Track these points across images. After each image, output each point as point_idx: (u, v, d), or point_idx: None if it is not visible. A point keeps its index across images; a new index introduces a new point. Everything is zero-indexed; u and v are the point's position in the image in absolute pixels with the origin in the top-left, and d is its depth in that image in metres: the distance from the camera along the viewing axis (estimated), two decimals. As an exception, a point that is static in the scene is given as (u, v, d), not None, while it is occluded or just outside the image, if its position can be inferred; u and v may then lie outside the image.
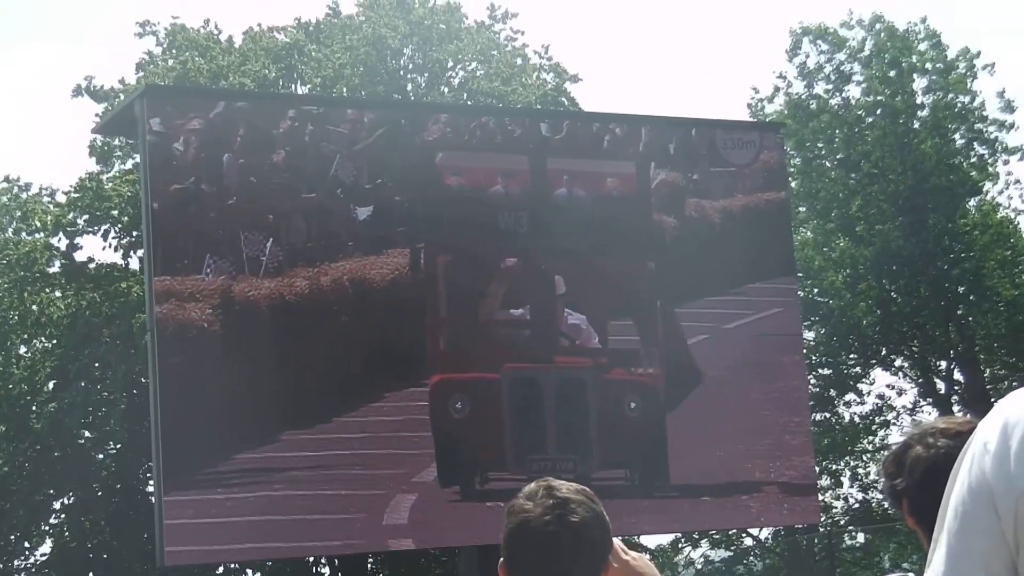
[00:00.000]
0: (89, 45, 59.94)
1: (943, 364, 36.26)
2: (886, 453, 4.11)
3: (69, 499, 30.97)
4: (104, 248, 30.70)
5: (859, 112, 35.34)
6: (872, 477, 38.24)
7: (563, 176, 13.36)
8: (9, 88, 57.17)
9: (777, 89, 36.10)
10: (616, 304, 13.49)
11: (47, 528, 31.28)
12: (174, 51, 33.35)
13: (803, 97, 35.48)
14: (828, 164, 35.93)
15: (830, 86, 35.58)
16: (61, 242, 30.96)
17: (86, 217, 30.35)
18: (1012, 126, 35.35)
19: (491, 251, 12.86)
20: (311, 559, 29.16)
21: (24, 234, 31.73)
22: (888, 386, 37.75)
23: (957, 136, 35.55)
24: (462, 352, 12.51)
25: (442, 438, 12.28)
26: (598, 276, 13.35)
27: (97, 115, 32.18)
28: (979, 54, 35.21)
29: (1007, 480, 2.53)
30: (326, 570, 30.56)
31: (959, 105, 35.15)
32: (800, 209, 35.63)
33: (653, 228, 13.78)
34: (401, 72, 33.88)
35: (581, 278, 13.28)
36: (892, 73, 34.62)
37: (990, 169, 35.95)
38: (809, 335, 34.73)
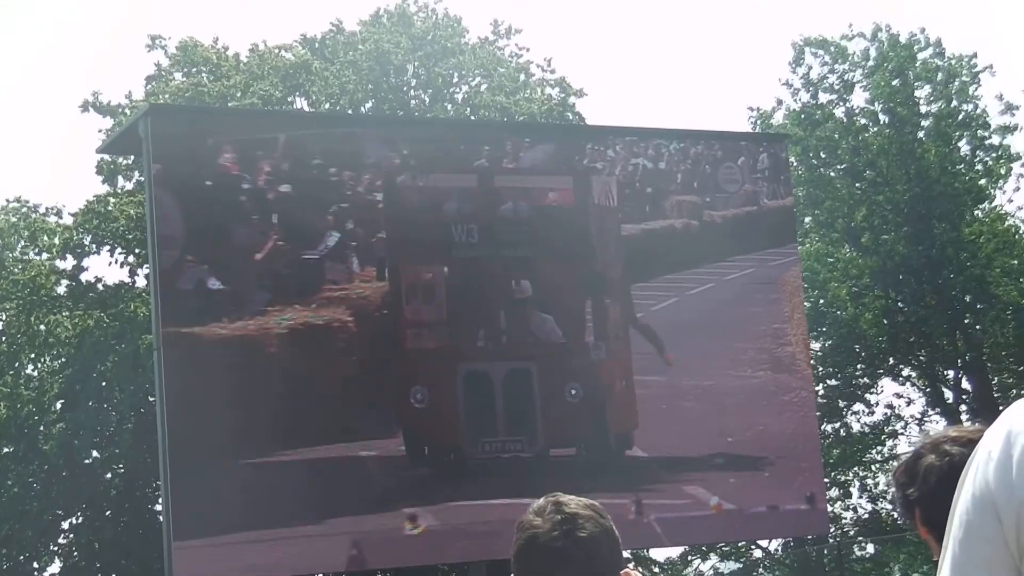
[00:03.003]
0: (96, 59, 60.08)
1: (951, 373, 36.22)
2: (897, 463, 4.09)
3: (78, 519, 31.00)
4: (111, 264, 30.80)
5: (863, 121, 35.35)
6: (881, 488, 38.20)
7: (509, 191, 13.92)
8: (16, 104, 57.27)
9: (780, 102, 36.13)
10: (573, 301, 13.94)
11: (56, 548, 31.31)
12: (184, 67, 33.44)
13: (807, 107, 35.50)
14: (832, 174, 35.93)
15: (834, 96, 35.62)
16: (68, 262, 31.04)
17: (91, 238, 30.43)
18: (1016, 128, 35.34)
19: (448, 260, 13.41)
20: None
21: (32, 253, 31.78)
22: (896, 396, 37.73)
23: (962, 144, 35.54)
24: (426, 352, 12.89)
25: (407, 425, 12.52)
26: (558, 277, 13.85)
27: (101, 130, 32.32)
28: (976, 55, 35.26)
29: (1009, 489, 2.54)
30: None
31: (963, 113, 35.15)
32: (805, 219, 35.62)
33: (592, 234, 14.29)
34: (405, 88, 33.94)
35: (544, 281, 13.78)
36: (896, 82, 34.63)
37: (1002, 171, 35.89)
38: (816, 346, 34.71)
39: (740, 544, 35.66)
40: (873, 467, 38.51)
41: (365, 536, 11.12)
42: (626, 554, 3.83)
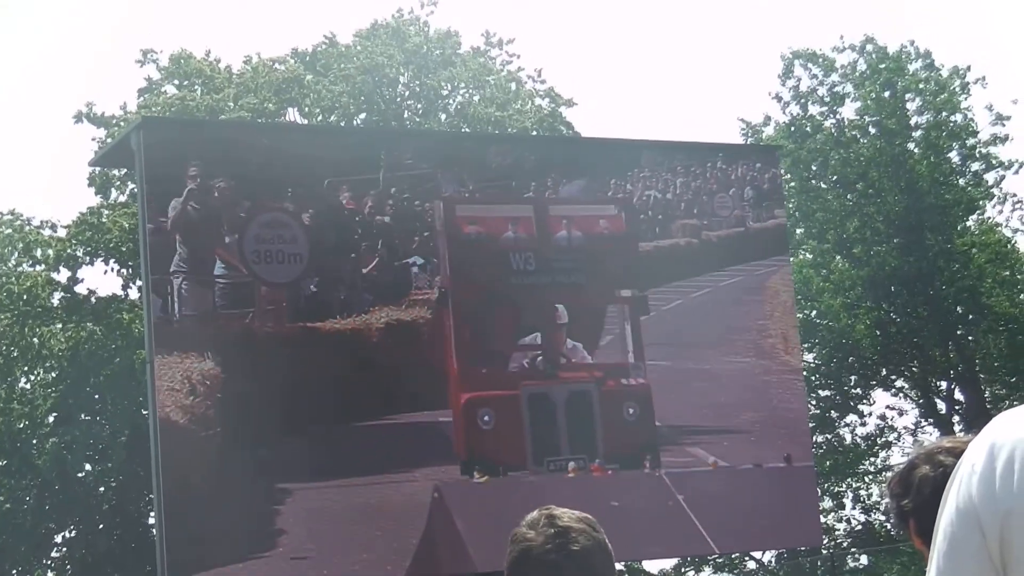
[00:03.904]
0: (90, 71, 60.10)
1: (944, 384, 36.26)
2: (891, 474, 4.09)
3: (71, 533, 30.95)
4: (105, 272, 30.80)
5: (853, 133, 35.41)
6: (874, 499, 38.21)
7: (562, 220, 14.66)
8: (9, 115, 57.23)
9: (769, 118, 36.18)
10: (608, 327, 14.93)
11: (49, 562, 31.25)
12: (176, 79, 33.48)
13: (797, 119, 35.55)
14: (824, 185, 35.97)
15: (824, 108, 35.67)
16: (62, 275, 31.04)
17: (86, 249, 30.45)
18: (1007, 138, 35.39)
19: (507, 287, 14.01)
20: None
21: (25, 265, 31.78)
22: (889, 407, 37.76)
23: (952, 154, 35.60)
24: (483, 374, 13.43)
25: (472, 446, 12.88)
26: (592, 304, 14.81)
27: (94, 139, 32.34)
28: (969, 68, 35.32)
29: (992, 500, 2.56)
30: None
31: (953, 124, 35.21)
32: (797, 231, 35.67)
33: (635, 259, 15.34)
34: (398, 100, 33.98)
35: (578, 307, 14.60)
36: (886, 94, 34.69)
37: (990, 181, 35.98)
38: (809, 357, 34.74)
39: (734, 556, 35.66)
40: (866, 478, 38.54)
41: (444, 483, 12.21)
42: (619, 566, 3.83)
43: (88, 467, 30.41)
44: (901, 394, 37.28)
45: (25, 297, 30.42)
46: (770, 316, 16.65)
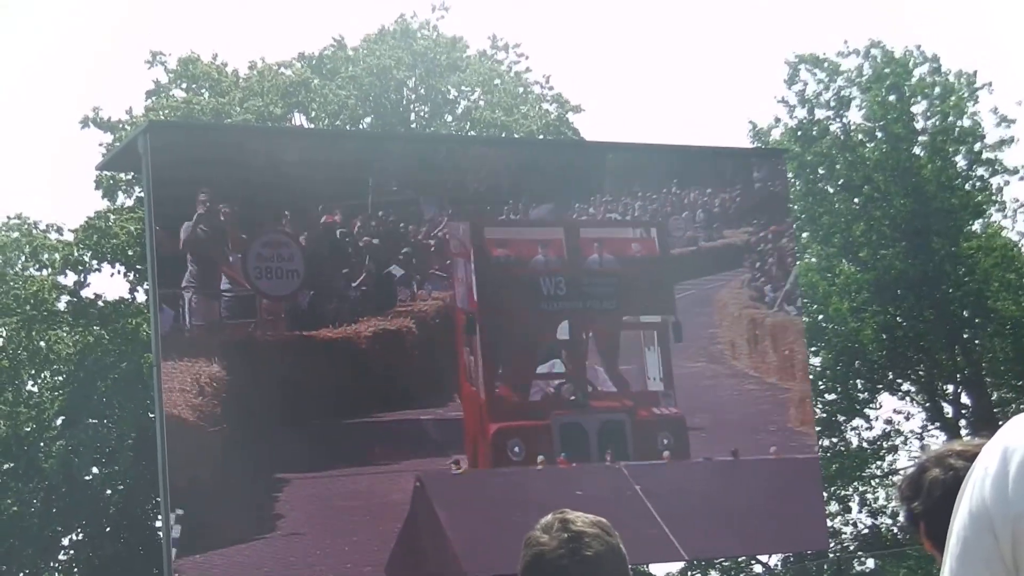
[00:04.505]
0: (96, 75, 60.12)
1: (950, 388, 36.20)
2: (901, 477, 4.10)
3: (78, 535, 30.97)
4: (112, 275, 30.83)
5: (860, 137, 35.37)
6: (881, 502, 38.17)
7: (594, 243, 14.89)
8: (16, 120, 57.25)
9: (778, 120, 36.13)
10: (634, 352, 15.01)
11: (56, 565, 31.27)
12: (183, 82, 33.50)
13: (804, 123, 35.50)
14: (830, 189, 35.93)
15: (830, 112, 35.63)
16: (68, 278, 31.07)
17: (92, 254, 30.49)
18: (1012, 140, 35.35)
19: (535, 312, 14.25)
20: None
21: (32, 270, 31.80)
22: (895, 411, 37.72)
23: (958, 159, 35.55)
24: (512, 403, 13.70)
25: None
26: (623, 329, 14.97)
27: (101, 144, 32.36)
28: (976, 73, 35.30)
29: (1004, 504, 2.57)
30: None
31: (959, 128, 35.17)
32: (803, 235, 35.64)
33: (667, 286, 15.53)
34: (404, 103, 33.99)
35: (606, 331, 14.78)
36: (892, 98, 34.66)
37: (993, 188, 35.97)
38: (815, 361, 34.70)
39: (740, 559, 35.63)
40: (872, 482, 38.48)
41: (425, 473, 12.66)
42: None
43: (95, 470, 30.43)
44: (907, 398, 37.24)
45: (32, 302, 30.44)
46: (719, 325, 16.74)
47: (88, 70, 62.19)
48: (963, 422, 35.26)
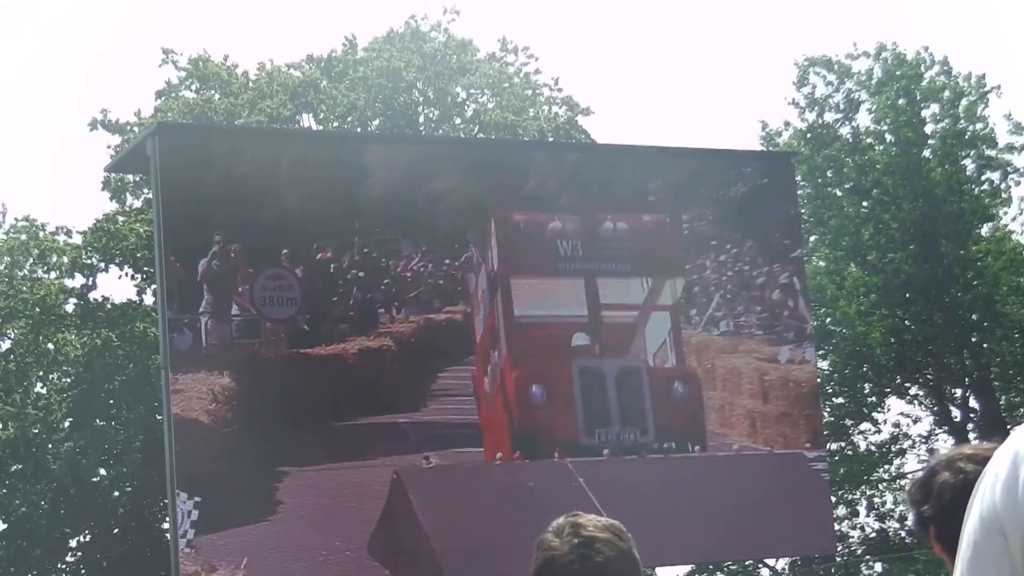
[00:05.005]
0: (104, 77, 60.23)
1: (958, 392, 36.16)
2: (909, 481, 4.09)
3: (86, 537, 30.99)
4: (120, 277, 30.86)
5: (869, 140, 35.35)
6: (889, 506, 38.14)
7: (607, 214, 16.16)
8: (25, 122, 57.34)
9: (788, 124, 36.09)
10: (649, 312, 16.09)
11: (64, 566, 31.29)
12: (194, 82, 33.53)
13: (814, 126, 35.48)
14: (839, 192, 35.90)
15: (839, 115, 35.60)
16: (76, 281, 31.11)
17: (100, 256, 30.54)
18: (1023, 148, 35.33)
19: (553, 272, 15.63)
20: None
21: (41, 272, 31.83)
22: (903, 414, 37.68)
23: (968, 162, 35.53)
24: (534, 354, 15.13)
25: (526, 422, 14.89)
26: (636, 291, 16.03)
27: (109, 146, 32.37)
28: (984, 75, 35.28)
29: (1015, 508, 2.56)
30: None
31: (969, 132, 35.14)
32: (811, 238, 35.62)
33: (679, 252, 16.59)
34: (414, 106, 34.01)
35: (622, 292, 15.92)
36: (901, 101, 34.63)
37: (1003, 195, 35.95)
38: (823, 364, 34.67)
39: (747, 563, 35.61)
40: (880, 486, 38.45)
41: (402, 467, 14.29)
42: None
43: (103, 472, 30.46)
44: (916, 401, 37.20)
45: (40, 306, 30.49)
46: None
47: (96, 73, 62.31)
48: (971, 426, 35.22)
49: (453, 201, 14.28)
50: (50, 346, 30.97)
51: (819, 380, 18.36)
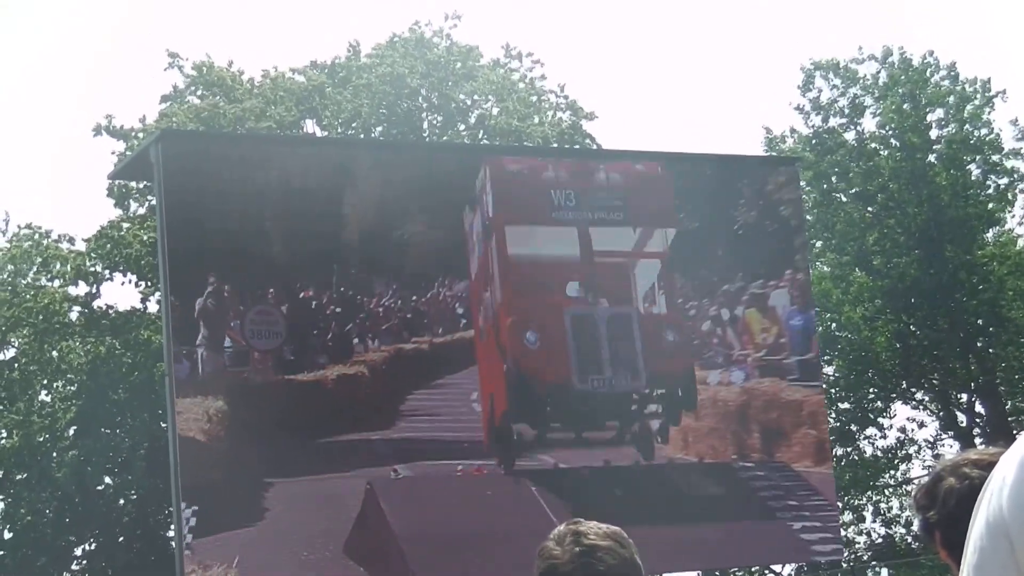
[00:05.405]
0: (108, 83, 60.29)
1: (964, 397, 36.15)
2: (916, 486, 4.06)
3: (91, 545, 31.02)
4: (124, 284, 30.88)
5: (873, 145, 35.36)
6: (895, 512, 38.12)
7: (600, 166, 17.20)
8: (28, 127, 57.49)
9: (793, 130, 36.12)
10: (638, 259, 16.87)
11: (69, 574, 31.31)
12: (199, 88, 33.55)
13: (819, 131, 35.49)
14: (844, 197, 35.91)
15: (844, 120, 35.61)
16: (80, 288, 31.13)
17: (104, 264, 30.58)
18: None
19: (548, 220, 16.38)
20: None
21: (44, 280, 31.83)
22: (909, 419, 37.66)
23: (973, 167, 35.54)
24: (528, 301, 15.96)
25: (520, 365, 15.85)
26: (627, 239, 16.71)
27: (114, 152, 32.37)
28: (990, 80, 35.28)
29: (1022, 513, 2.53)
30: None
31: (975, 138, 35.14)
32: (816, 243, 35.64)
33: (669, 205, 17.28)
34: (418, 112, 34.04)
35: (614, 240, 16.59)
36: (906, 106, 34.64)
37: (1008, 200, 35.97)
38: (829, 370, 34.67)
39: (754, 570, 35.58)
40: (886, 491, 38.43)
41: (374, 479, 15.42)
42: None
43: (108, 480, 30.49)
44: (921, 406, 37.20)
45: (44, 314, 30.51)
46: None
47: (100, 78, 62.39)
48: (977, 431, 35.21)
49: (421, 245, 15.45)
50: (54, 354, 30.99)
51: (825, 400, 18.59)
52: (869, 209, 35.28)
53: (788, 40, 62.42)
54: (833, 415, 34.41)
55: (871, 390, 36.67)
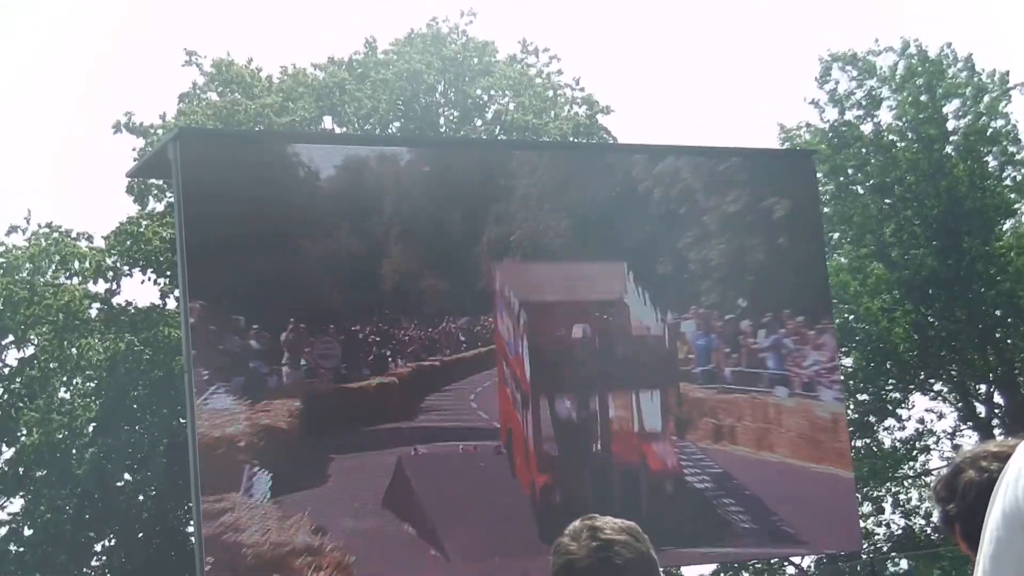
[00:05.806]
0: (129, 79, 60.34)
1: (983, 387, 36.08)
2: (936, 478, 4.06)
3: (110, 542, 31.07)
4: (143, 282, 30.93)
5: (891, 137, 35.28)
6: (914, 503, 38.06)
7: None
8: (47, 125, 57.61)
9: (808, 125, 36.06)
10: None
11: (89, 571, 31.37)
12: (218, 85, 33.56)
13: (835, 124, 35.41)
14: (861, 190, 35.85)
15: (861, 112, 35.53)
16: (99, 286, 31.17)
17: (123, 260, 30.63)
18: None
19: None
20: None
21: (63, 278, 31.88)
22: (928, 411, 37.60)
23: (990, 159, 35.45)
24: (554, 457, 17.66)
25: (546, 522, 17.35)
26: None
27: (134, 149, 32.40)
28: (1008, 72, 35.19)
29: None
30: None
31: (991, 129, 35.06)
32: (833, 235, 35.59)
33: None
34: (435, 108, 34.03)
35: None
36: (923, 98, 34.57)
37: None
38: (847, 361, 34.63)
39: (772, 561, 35.56)
40: (905, 482, 38.38)
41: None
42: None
43: (127, 476, 30.52)
44: (940, 398, 37.15)
45: (63, 312, 30.56)
46: None
47: (119, 75, 62.46)
48: (996, 422, 35.14)
49: (434, 294, 18.11)
50: (73, 351, 31.04)
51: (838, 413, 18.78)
52: (886, 201, 35.23)
53: (804, 34, 62.34)
54: (851, 406, 34.37)
55: (889, 381, 36.63)
